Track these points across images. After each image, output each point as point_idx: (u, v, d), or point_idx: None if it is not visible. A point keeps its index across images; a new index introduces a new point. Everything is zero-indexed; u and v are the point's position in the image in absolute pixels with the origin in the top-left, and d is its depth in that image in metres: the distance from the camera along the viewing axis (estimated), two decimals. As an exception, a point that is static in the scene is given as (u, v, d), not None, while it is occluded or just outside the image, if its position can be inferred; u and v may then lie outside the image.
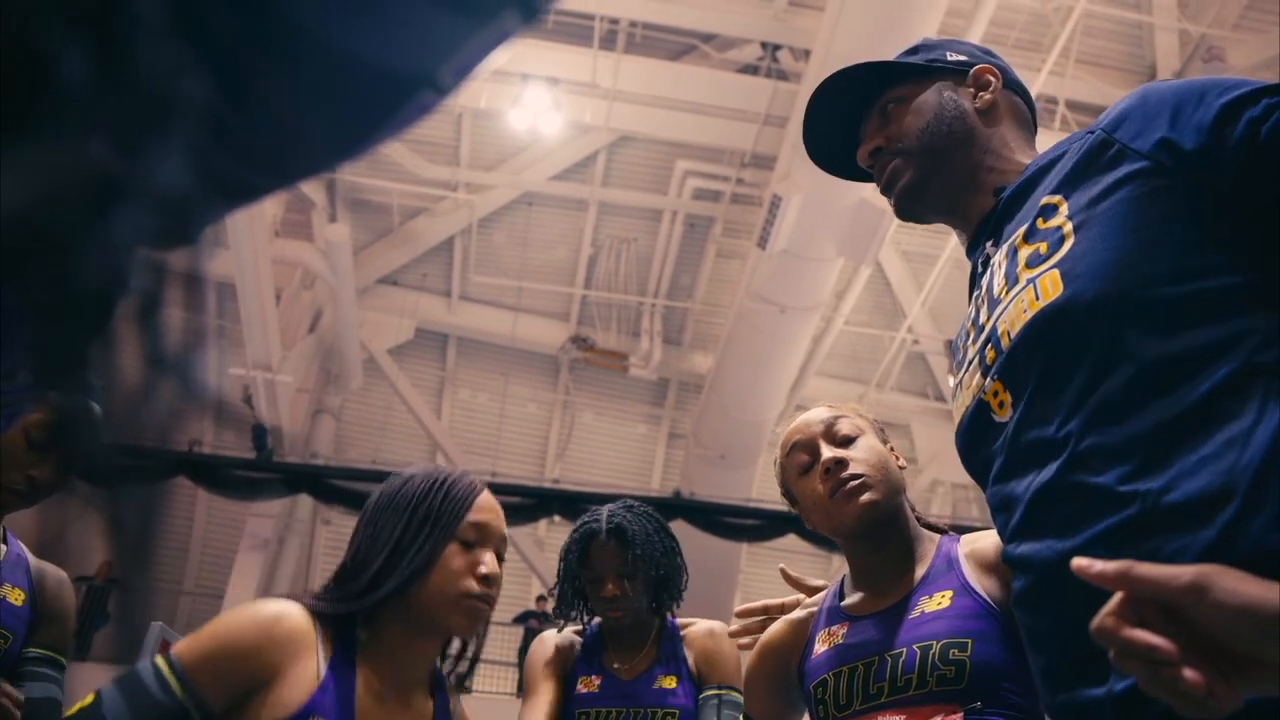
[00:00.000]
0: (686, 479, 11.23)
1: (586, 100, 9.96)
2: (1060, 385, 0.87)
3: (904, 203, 1.16)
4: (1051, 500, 0.85)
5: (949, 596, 1.30)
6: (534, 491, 10.50)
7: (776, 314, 9.52)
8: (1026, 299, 0.91)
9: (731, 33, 9.74)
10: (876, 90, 1.18)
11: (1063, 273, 0.88)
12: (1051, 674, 0.85)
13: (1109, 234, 0.86)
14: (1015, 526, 0.90)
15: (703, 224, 11.71)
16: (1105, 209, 0.88)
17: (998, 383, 0.95)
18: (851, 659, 1.32)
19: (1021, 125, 1.16)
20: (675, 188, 11.22)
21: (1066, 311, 0.86)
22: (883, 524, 1.37)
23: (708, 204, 11.34)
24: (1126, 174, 0.87)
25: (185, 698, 1.12)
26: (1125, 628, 0.60)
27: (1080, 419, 0.84)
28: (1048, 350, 0.88)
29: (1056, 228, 0.92)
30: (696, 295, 12.18)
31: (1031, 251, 0.94)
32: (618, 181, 11.49)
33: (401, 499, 1.31)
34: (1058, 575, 0.81)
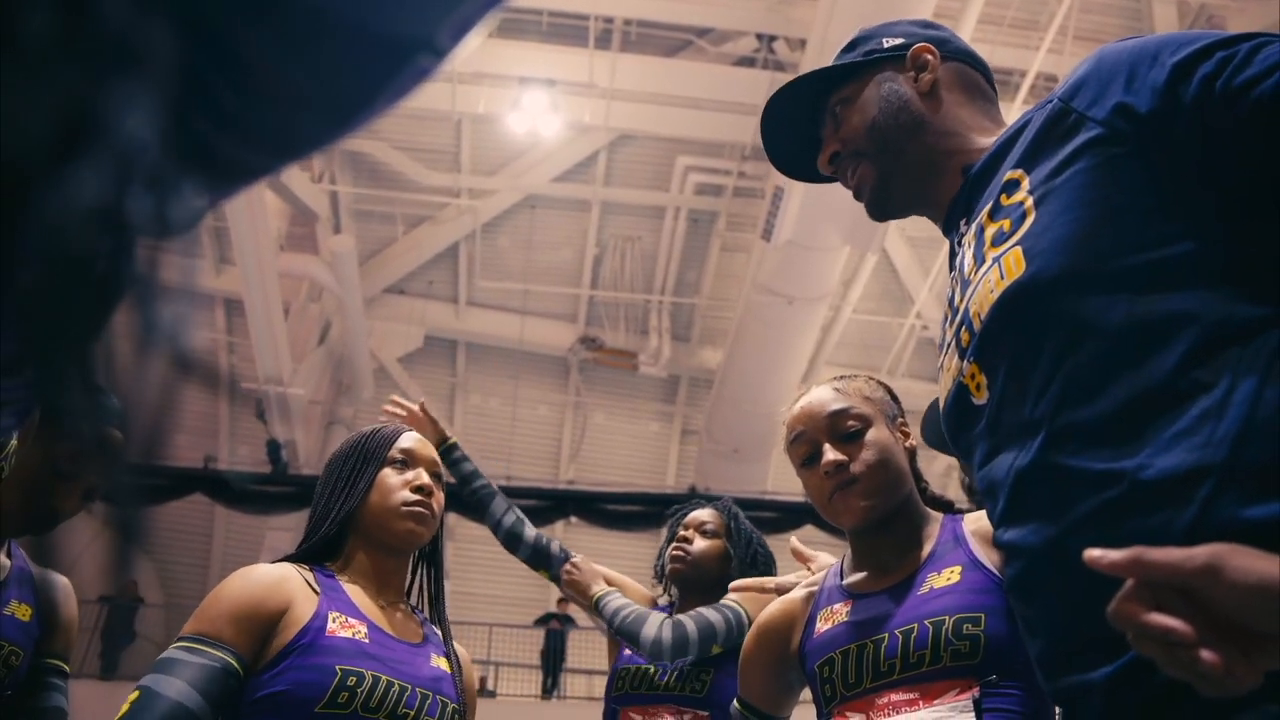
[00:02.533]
0: (701, 474, 11.22)
1: (585, 100, 9.96)
2: (1030, 365, 0.85)
3: (874, 206, 1.16)
4: (1032, 484, 0.84)
5: (958, 572, 1.30)
6: (549, 494, 10.51)
7: (784, 305, 9.51)
8: (993, 279, 0.90)
9: (726, 26, 9.72)
10: (824, 95, 1.17)
11: (1025, 250, 0.87)
12: (1047, 660, 0.85)
13: (1068, 207, 0.85)
14: (1001, 512, 0.89)
15: (706, 219, 11.70)
16: (1063, 181, 0.86)
17: (974, 365, 0.94)
18: (859, 637, 1.31)
19: (974, 94, 1.13)
20: (677, 184, 11.21)
21: (1029, 289, 0.85)
22: (882, 522, 1.38)
23: (710, 199, 11.33)
24: (1084, 143, 0.86)
25: (224, 654, 1.23)
26: (1141, 611, 0.60)
27: (1051, 399, 0.83)
28: (1015, 330, 0.87)
29: (1018, 203, 0.91)
30: (703, 290, 12.17)
31: (996, 229, 0.93)
32: (619, 180, 11.49)
33: (340, 453, 1.53)
34: (1047, 562, 0.82)
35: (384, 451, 1.48)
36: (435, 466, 1.52)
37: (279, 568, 1.37)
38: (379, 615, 1.39)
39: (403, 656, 1.35)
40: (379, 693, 1.27)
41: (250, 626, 1.27)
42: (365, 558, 1.43)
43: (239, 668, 1.23)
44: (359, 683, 1.26)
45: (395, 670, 1.31)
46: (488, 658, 10.87)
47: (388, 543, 1.43)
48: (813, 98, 1.19)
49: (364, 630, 1.34)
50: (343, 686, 1.24)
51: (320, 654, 1.26)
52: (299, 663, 1.25)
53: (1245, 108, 0.77)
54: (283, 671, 1.24)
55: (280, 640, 1.27)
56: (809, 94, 1.19)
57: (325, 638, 1.29)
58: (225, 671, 1.21)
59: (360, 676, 1.27)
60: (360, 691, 1.25)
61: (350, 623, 1.33)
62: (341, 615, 1.33)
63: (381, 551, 1.44)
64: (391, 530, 1.42)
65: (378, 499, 1.43)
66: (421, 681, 1.34)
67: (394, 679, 1.30)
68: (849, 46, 1.19)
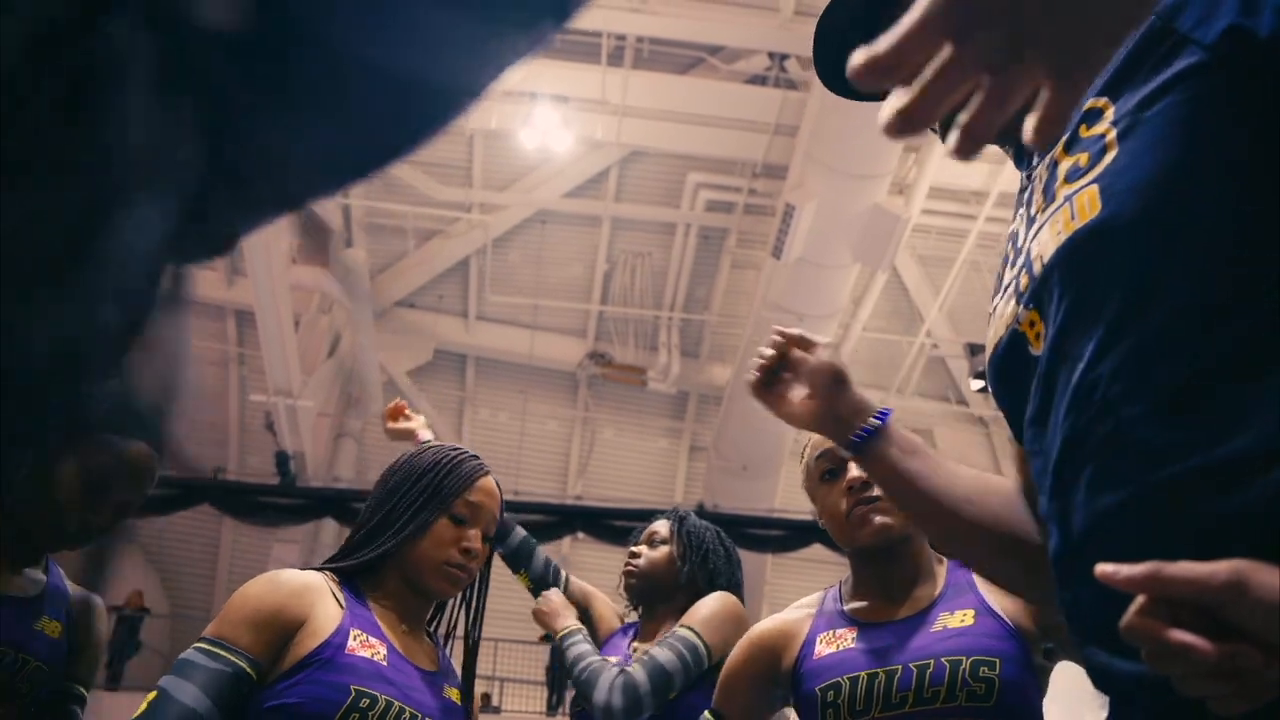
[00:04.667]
0: (709, 491, 11.19)
1: (596, 117, 10.00)
2: (1093, 318, 0.76)
3: None
4: (1081, 454, 0.75)
5: (972, 615, 1.30)
6: (556, 509, 10.49)
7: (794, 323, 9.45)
8: (1061, 219, 0.80)
9: (738, 44, 9.76)
10: (889, 4, 1.09)
11: (1101, 189, 0.76)
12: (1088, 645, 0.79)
13: (1155, 144, 0.74)
14: (1048, 482, 0.81)
15: (716, 236, 11.72)
16: (1154, 114, 0.75)
17: (1033, 312, 0.84)
18: (870, 665, 1.31)
19: None
20: (688, 200, 11.23)
21: (1102, 234, 0.75)
22: (894, 547, 1.38)
23: (721, 215, 11.34)
24: (1182, 70, 0.74)
25: (238, 659, 1.23)
26: (1159, 627, 0.57)
27: (1113, 360, 0.73)
28: (1081, 278, 0.77)
29: (1099, 136, 0.79)
30: (713, 307, 12.17)
31: (1071, 164, 0.82)
32: (630, 196, 11.52)
33: (410, 469, 1.48)
34: (1092, 541, 0.74)
35: (452, 499, 1.45)
36: (493, 525, 1.51)
37: (306, 575, 1.37)
38: (399, 639, 1.39)
39: (417, 683, 1.34)
40: (389, 717, 1.27)
41: (268, 632, 1.27)
42: (397, 586, 1.43)
43: (252, 673, 1.24)
44: (371, 705, 1.26)
45: (408, 696, 1.30)
46: (493, 673, 10.83)
47: (418, 586, 1.43)
48: (875, 8, 1.07)
49: (383, 652, 1.34)
50: (355, 707, 1.24)
51: (337, 671, 1.26)
52: (315, 677, 1.25)
53: None
54: (298, 684, 1.24)
55: (298, 650, 1.27)
56: (870, 9, 1.08)
57: (344, 655, 1.29)
58: (237, 677, 1.22)
59: (373, 699, 1.26)
60: (371, 714, 1.25)
61: (371, 643, 1.33)
62: (363, 634, 1.33)
63: (412, 589, 1.44)
64: (424, 580, 1.42)
65: (426, 546, 1.42)
66: (432, 710, 1.33)
67: (405, 705, 1.29)
68: None
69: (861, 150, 8.16)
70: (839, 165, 8.32)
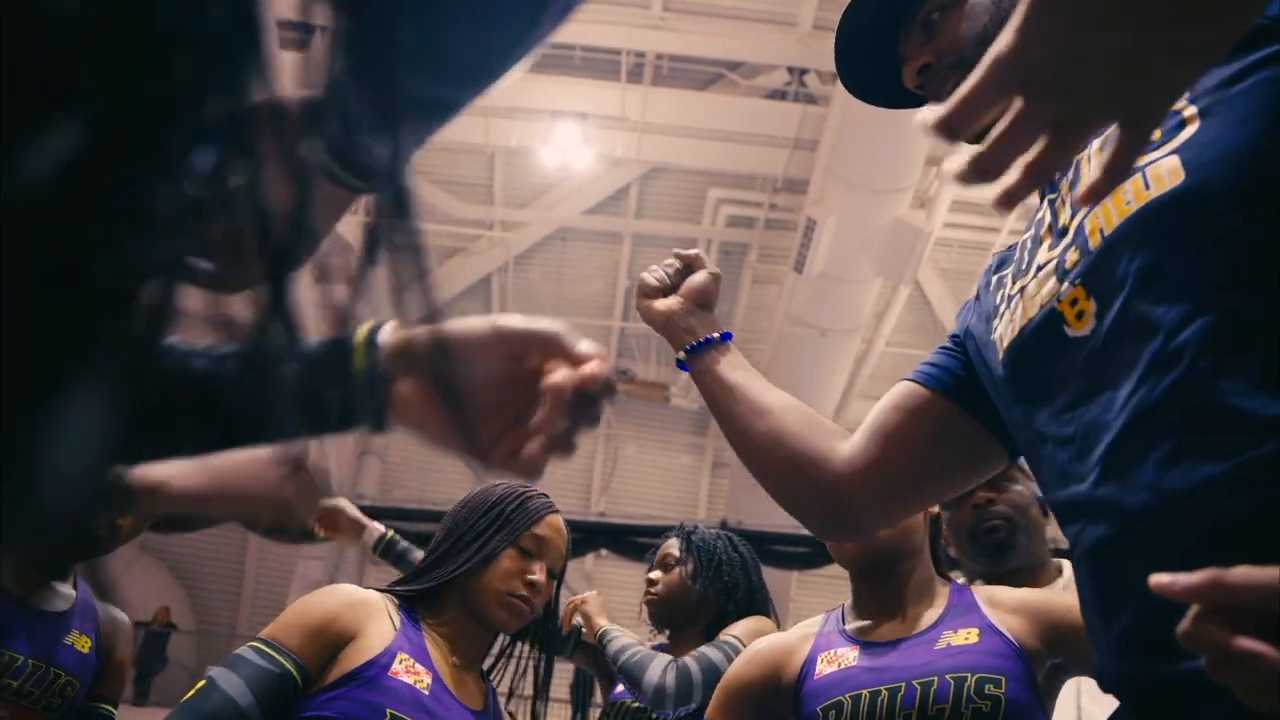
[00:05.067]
0: (733, 508, 11.14)
1: (616, 134, 10.04)
2: (1173, 288, 0.71)
3: None
4: (1159, 427, 0.70)
5: (976, 633, 1.30)
6: (580, 526, 10.47)
7: (817, 337, 9.47)
8: (1130, 190, 0.76)
9: (758, 59, 9.77)
10: (915, 5, 1.04)
11: (1184, 160, 0.73)
12: (1130, 642, 0.72)
13: (1245, 119, 0.71)
14: (1100, 459, 0.75)
15: (738, 251, 11.71)
16: (1243, 90, 0.73)
17: (1079, 288, 0.80)
18: (872, 683, 1.31)
19: None
20: (709, 216, 11.24)
21: (1186, 201, 0.72)
22: (885, 561, 1.37)
23: (742, 231, 11.34)
24: (1268, 54, 0.73)
25: (285, 661, 1.26)
26: (1222, 634, 0.54)
27: (1200, 327, 0.69)
28: (1157, 247, 0.73)
29: (1173, 113, 0.76)
30: (735, 323, 12.16)
31: None
32: (651, 213, 11.53)
33: (482, 501, 1.52)
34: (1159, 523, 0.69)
35: (520, 531, 1.48)
36: (560, 563, 1.53)
37: (366, 592, 1.41)
38: (447, 671, 1.39)
39: (457, 718, 1.34)
40: None
41: (318, 639, 1.30)
42: (457, 615, 1.44)
43: (298, 677, 1.26)
44: None
45: None
46: (516, 690, 10.78)
47: (479, 615, 1.44)
48: (896, 7, 1.07)
49: (427, 681, 1.34)
50: None
51: (376, 692, 1.27)
52: (354, 694, 1.27)
53: None
54: (336, 699, 1.26)
55: (344, 664, 1.29)
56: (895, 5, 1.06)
57: (386, 677, 1.30)
58: (283, 679, 1.25)
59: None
60: None
61: (417, 669, 1.34)
62: (410, 660, 1.34)
63: (473, 621, 1.45)
64: (486, 610, 1.43)
65: (491, 576, 1.43)
66: None
67: None
68: None
69: (883, 164, 8.14)
70: (860, 179, 8.30)
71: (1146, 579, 0.65)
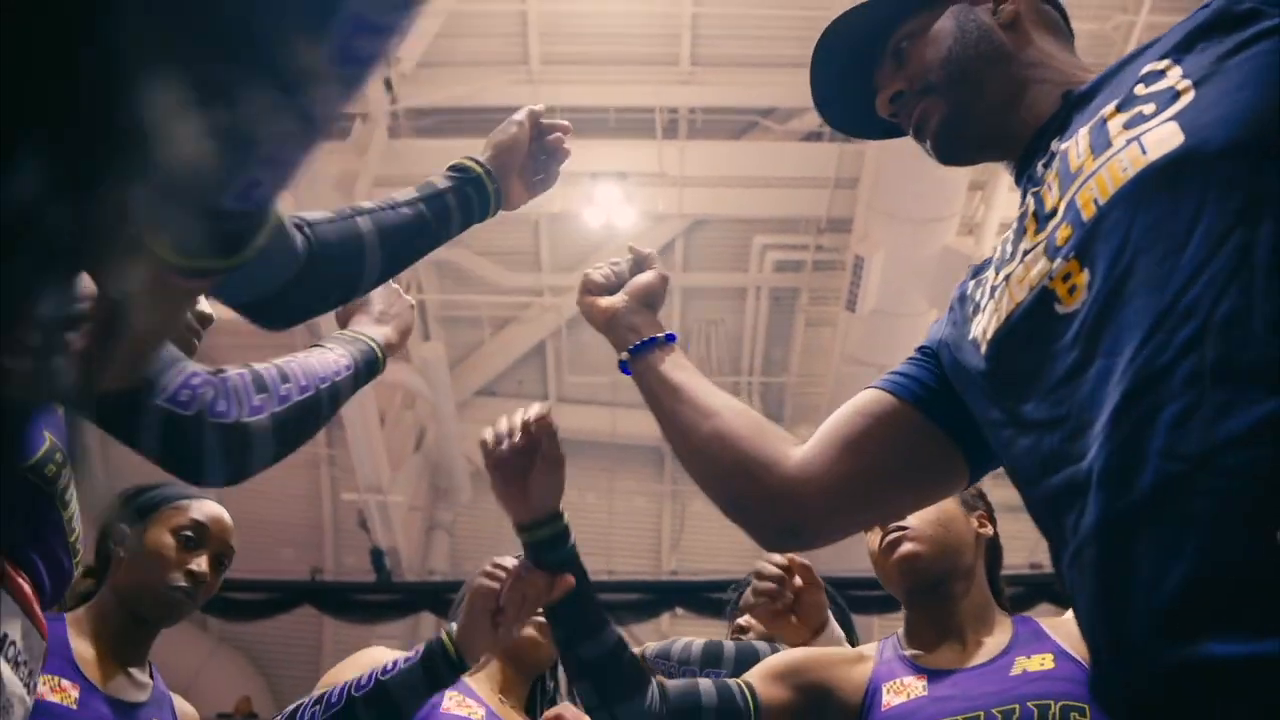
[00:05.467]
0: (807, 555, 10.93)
1: (657, 190, 10.12)
2: (1178, 243, 0.69)
3: (944, 142, 1.02)
4: (1170, 387, 0.66)
5: (1051, 659, 1.26)
6: (652, 586, 10.35)
7: (875, 375, 9.28)
8: (1127, 157, 0.75)
9: (790, 104, 9.82)
10: (884, 33, 1.06)
11: (1181, 124, 0.73)
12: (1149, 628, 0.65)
13: (1243, 85, 0.71)
14: (1101, 432, 0.70)
15: (788, 296, 11.66)
16: (1238, 62, 0.73)
17: (1072, 262, 0.78)
18: (949, 712, 1.27)
19: (1057, 33, 1.03)
20: (755, 263, 11.23)
21: (1188, 159, 0.70)
22: (932, 583, 1.32)
23: (790, 275, 11.30)
24: (1266, 29, 0.73)
25: None
26: None
27: (1213, 276, 0.66)
28: (1159, 205, 0.71)
29: (1167, 88, 0.76)
30: (792, 368, 12.06)
31: (1131, 115, 0.78)
32: (697, 265, 11.56)
33: None
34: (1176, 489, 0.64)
35: None
36: None
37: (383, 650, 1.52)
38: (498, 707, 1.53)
39: None
40: None
41: None
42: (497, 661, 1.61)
43: None
44: None
45: None
46: None
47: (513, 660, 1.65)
48: (868, 40, 1.08)
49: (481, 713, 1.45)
50: None
51: None
52: None
53: None
54: None
55: None
56: (864, 35, 1.08)
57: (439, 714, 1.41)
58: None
59: None
60: None
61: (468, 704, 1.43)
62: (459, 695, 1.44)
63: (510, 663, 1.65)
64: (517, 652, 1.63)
65: None
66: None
67: None
68: None
69: (925, 195, 8.07)
70: (903, 212, 8.24)
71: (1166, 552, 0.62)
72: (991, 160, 1.04)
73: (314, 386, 1.14)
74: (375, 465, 10.12)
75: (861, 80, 1.10)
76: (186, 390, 1.03)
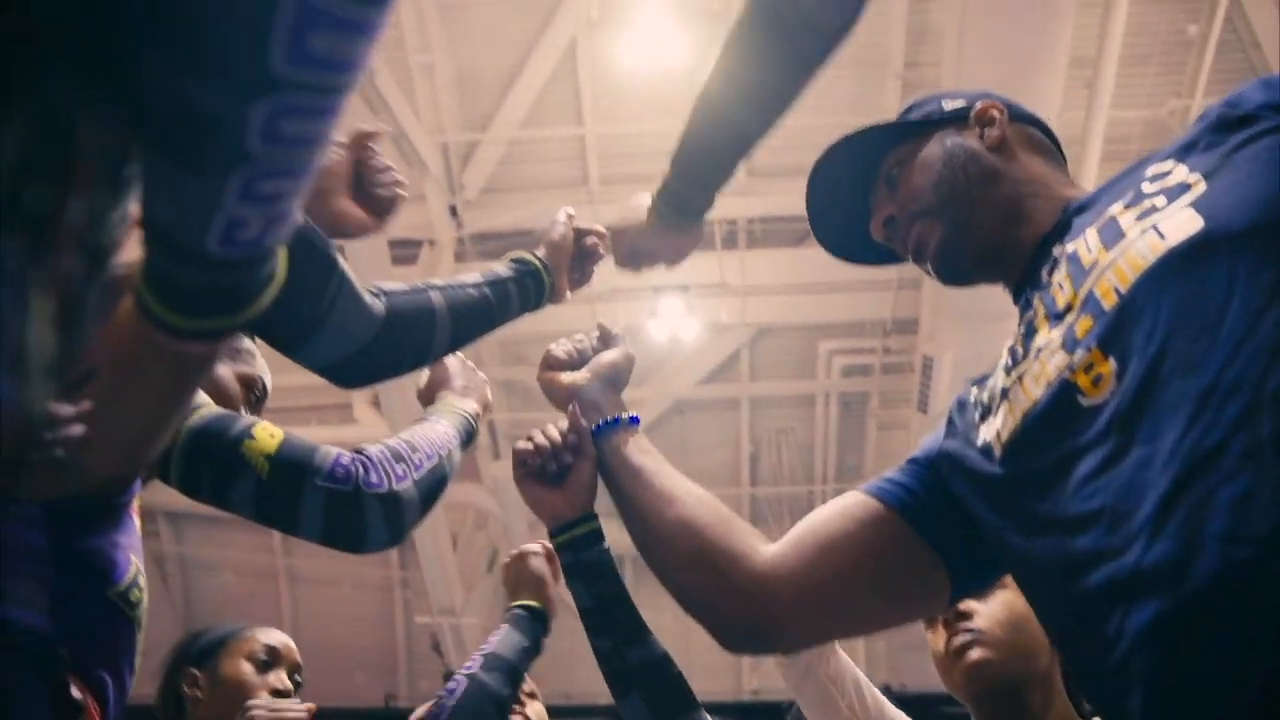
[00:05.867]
0: (893, 671, 10.50)
1: (720, 301, 10.20)
2: (1213, 321, 0.67)
3: (943, 263, 1.05)
4: (1225, 466, 0.62)
5: None
6: (732, 707, 10.02)
7: (953, 478, 9.09)
8: (1145, 244, 0.75)
9: (849, 211, 9.90)
10: (876, 161, 1.11)
11: (1198, 209, 0.74)
12: None
13: (1255, 175, 0.73)
14: (1148, 520, 0.65)
15: (858, 400, 11.52)
16: (1244, 156, 0.75)
17: (1094, 353, 0.76)
18: None
19: (1046, 155, 1.06)
20: (823, 369, 11.16)
21: (1211, 240, 0.71)
22: (1006, 689, 1.23)
23: (859, 379, 11.20)
24: (1263, 129, 0.76)
25: None
26: None
27: (1254, 354, 0.64)
28: (1187, 287, 0.70)
29: (1177, 182, 0.78)
30: (866, 473, 11.82)
31: (1142, 209, 0.79)
32: (764, 374, 11.53)
33: None
34: (1243, 578, 0.58)
35: None
36: None
37: None
38: None
39: None
40: None
41: None
42: None
43: None
44: None
45: None
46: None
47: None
48: (862, 168, 1.12)
49: None
50: None
51: None
52: None
53: None
54: None
55: None
56: (857, 163, 1.12)
57: None
58: None
59: None
60: None
61: None
62: None
63: None
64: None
65: None
66: None
67: None
68: (904, 113, 1.14)
69: (989, 292, 7.92)
70: (969, 310, 8.14)
71: (1241, 649, 0.56)
72: (993, 280, 1.06)
73: (437, 454, 1.27)
74: (448, 587, 10.06)
75: (858, 206, 1.14)
76: (340, 468, 1.13)
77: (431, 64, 8.30)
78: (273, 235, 0.53)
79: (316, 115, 0.47)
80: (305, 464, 1.13)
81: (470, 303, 1.34)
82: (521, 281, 1.40)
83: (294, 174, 0.49)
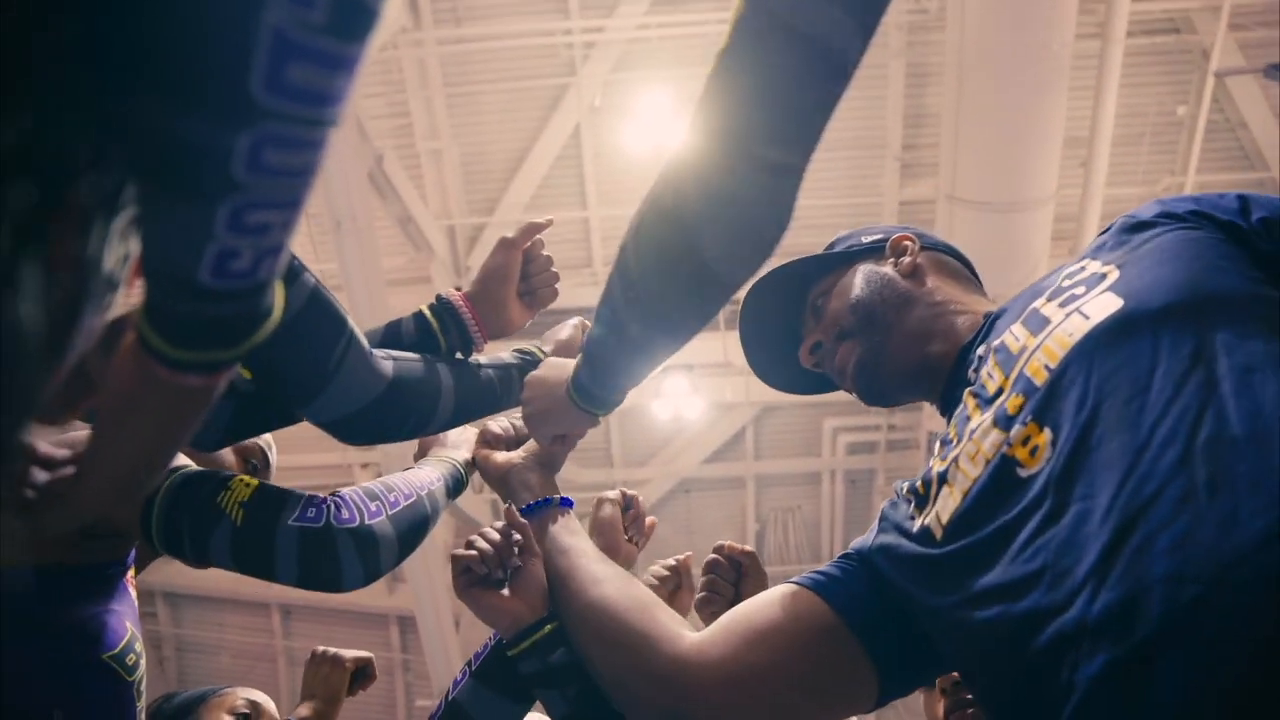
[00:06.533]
0: (905, 756, 10.23)
1: (723, 380, 10.23)
2: (1140, 385, 0.72)
3: (863, 382, 1.08)
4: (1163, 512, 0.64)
5: None
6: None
7: (962, 557, 8.99)
8: (1071, 325, 0.80)
9: (852, 289, 9.99)
10: (801, 294, 1.19)
11: (1117, 292, 0.80)
12: None
13: (1164, 262, 0.80)
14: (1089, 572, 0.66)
15: (864, 478, 11.46)
16: (1150, 248, 0.83)
17: (1030, 425, 0.79)
18: None
19: (959, 278, 1.13)
20: (828, 447, 11.13)
21: (1132, 318, 0.76)
22: None
23: (864, 456, 11.15)
24: (1167, 228, 0.84)
25: None
26: None
27: (1183, 412, 0.68)
28: (1113, 357, 0.75)
29: (1092, 274, 0.85)
30: (873, 552, 11.70)
31: (1064, 298, 0.85)
32: (769, 452, 11.50)
33: None
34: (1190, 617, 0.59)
35: None
36: None
37: None
38: None
39: None
40: None
41: None
42: None
43: None
44: None
45: None
46: None
47: None
48: (790, 303, 1.20)
49: None
50: None
51: None
52: None
53: None
54: None
55: None
56: (784, 299, 1.20)
57: None
58: None
59: None
60: None
61: None
62: None
63: None
64: None
65: None
66: None
67: None
68: (828, 247, 1.22)
69: (996, 370, 8.00)
70: (976, 388, 8.17)
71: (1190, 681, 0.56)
72: (918, 397, 1.09)
73: (415, 493, 1.26)
74: (450, 670, 9.89)
75: (788, 338, 1.21)
76: (312, 508, 1.14)
77: (439, 150, 8.47)
78: (265, 268, 0.54)
79: (300, 147, 0.49)
80: (278, 506, 1.13)
81: (475, 381, 1.38)
82: (524, 368, 1.43)
83: (281, 205, 0.51)
